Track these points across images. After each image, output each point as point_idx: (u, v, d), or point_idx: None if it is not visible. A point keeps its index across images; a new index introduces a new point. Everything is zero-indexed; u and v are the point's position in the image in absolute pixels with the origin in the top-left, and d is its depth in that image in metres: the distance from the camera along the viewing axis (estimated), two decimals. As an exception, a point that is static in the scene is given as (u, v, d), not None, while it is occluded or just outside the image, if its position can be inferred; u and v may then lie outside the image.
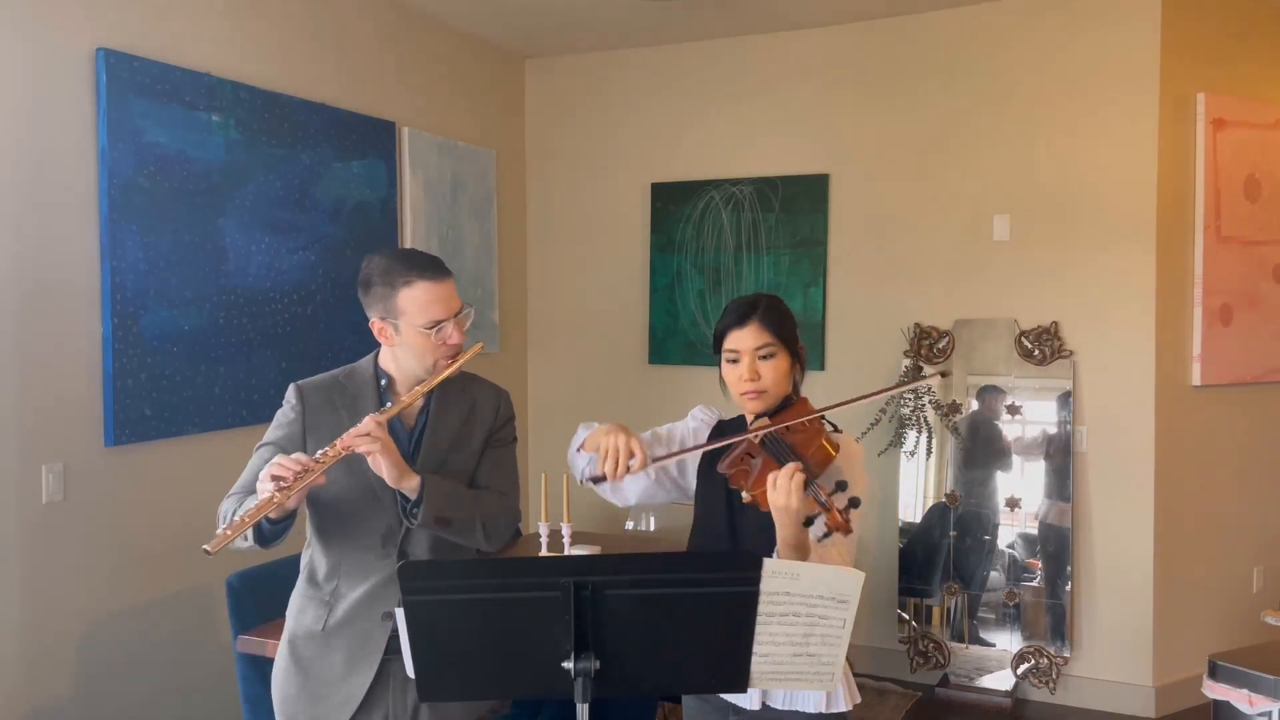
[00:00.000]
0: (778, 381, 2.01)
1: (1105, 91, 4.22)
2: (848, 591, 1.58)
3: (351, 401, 2.08)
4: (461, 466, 2.12)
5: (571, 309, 5.35)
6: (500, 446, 2.19)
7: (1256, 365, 4.44)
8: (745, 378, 1.99)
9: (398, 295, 2.02)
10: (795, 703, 1.94)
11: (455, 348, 2.06)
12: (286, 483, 1.83)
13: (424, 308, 2.01)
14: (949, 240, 4.52)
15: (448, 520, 2.00)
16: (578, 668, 1.48)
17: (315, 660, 2.07)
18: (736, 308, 2.03)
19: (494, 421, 2.17)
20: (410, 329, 2.03)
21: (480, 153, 4.96)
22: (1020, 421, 4.38)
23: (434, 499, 1.98)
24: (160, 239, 3.30)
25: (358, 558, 2.07)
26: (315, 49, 3.97)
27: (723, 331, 2.04)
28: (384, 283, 2.03)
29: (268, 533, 1.95)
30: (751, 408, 2.02)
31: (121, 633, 3.23)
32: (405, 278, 2.02)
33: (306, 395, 2.11)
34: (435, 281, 2.02)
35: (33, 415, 2.97)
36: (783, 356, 2.01)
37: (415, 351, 2.05)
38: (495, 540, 2.10)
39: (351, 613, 2.05)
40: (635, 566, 1.57)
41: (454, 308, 2.05)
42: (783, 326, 2.02)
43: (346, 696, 2.03)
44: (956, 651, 4.41)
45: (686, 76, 5.03)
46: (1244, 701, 2.76)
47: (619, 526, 4.77)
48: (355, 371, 2.14)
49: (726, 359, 2.03)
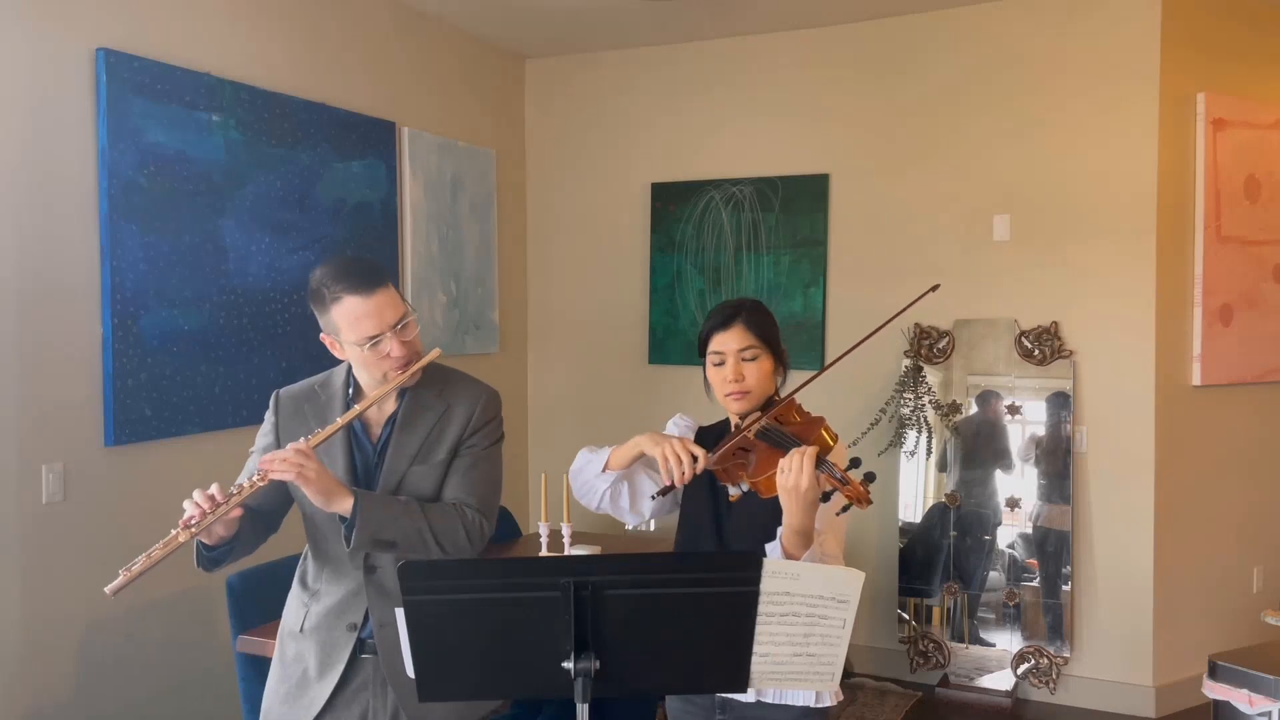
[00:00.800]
0: (761, 382, 2.05)
1: (1105, 91, 4.22)
2: (848, 591, 1.58)
3: (321, 411, 2.06)
4: (427, 478, 2.04)
5: (571, 309, 5.35)
6: (472, 453, 2.08)
7: (1256, 365, 4.44)
8: (730, 378, 2.04)
9: (330, 311, 1.95)
10: (785, 696, 1.97)
11: (401, 359, 1.96)
12: (194, 519, 1.82)
13: (354, 324, 1.93)
14: (949, 240, 4.52)
15: (387, 541, 1.94)
16: (578, 668, 1.48)
17: (294, 659, 2.09)
18: (720, 311, 2.09)
19: (465, 429, 2.06)
20: (349, 345, 1.97)
21: (480, 153, 4.96)
22: (1020, 422, 4.38)
23: (367, 521, 1.90)
24: (160, 239, 3.29)
25: (335, 566, 2.07)
26: (315, 49, 3.97)
27: (707, 334, 2.09)
28: (318, 299, 1.97)
29: (210, 557, 1.96)
30: (736, 408, 2.06)
31: (121, 633, 3.23)
32: (334, 293, 1.94)
33: (281, 404, 2.11)
34: (363, 296, 1.92)
35: (33, 415, 2.97)
36: (766, 358, 2.06)
37: (361, 366, 2.00)
38: (457, 555, 2.01)
39: (322, 619, 2.06)
40: (635, 566, 1.57)
41: (389, 319, 1.94)
42: (765, 329, 2.07)
43: (312, 699, 2.04)
44: (956, 651, 4.41)
45: (686, 76, 5.03)
46: (1244, 701, 2.76)
47: (619, 526, 4.76)
48: (330, 380, 2.12)
49: (711, 361, 2.08)
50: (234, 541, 1.96)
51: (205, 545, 1.94)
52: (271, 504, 2.08)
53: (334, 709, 2.04)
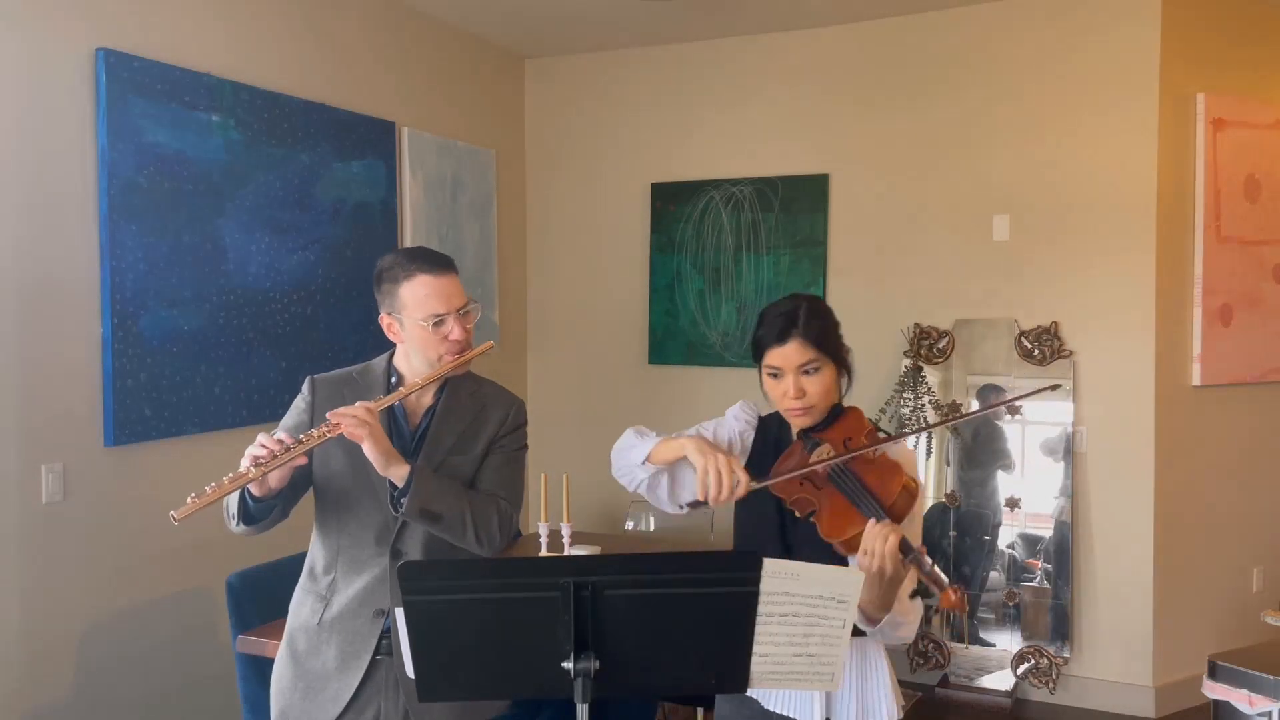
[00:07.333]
0: (824, 395, 1.90)
1: (1105, 91, 4.22)
2: (847, 592, 1.58)
3: (361, 394, 2.09)
4: (462, 469, 2.10)
5: (571, 309, 5.35)
6: (504, 452, 2.15)
7: (1256, 365, 4.44)
8: (790, 395, 1.88)
9: (399, 289, 2.04)
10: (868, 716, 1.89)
11: (458, 344, 2.05)
12: (264, 459, 1.85)
13: (422, 301, 2.02)
14: (949, 240, 4.52)
15: (435, 514, 1.99)
16: (578, 668, 1.48)
17: (309, 655, 2.07)
18: (775, 320, 1.90)
19: (500, 428, 2.14)
20: (412, 323, 2.04)
21: (480, 153, 4.96)
22: (1020, 421, 4.38)
23: (421, 490, 1.96)
24: (160, 239, 3.29)
25: (354, 552, 2.07)
26: (315, 49, 3.97)
27: (762, 347, 1.92)
28: (389, 278, 2.06)
29: (254, 511, 1.97)
30: (798, 424, 1.92)
31: (121, 633, 3.23)
32: (406, 271, 2.03)
33: (318, 388, 2.14)
34: (434, 275, 2.03)
35: (33, 415, 2.97)
36: (828, 369, 1.90)
37: (419, 346, 2.06)
38: (488, 544, 2.07)
39: (345, 609, 2.05)
40: (635, 566, 1.57)
41: (456, 303, 2.04)
42: (826, 337, 1.90)
43: (336, 693, 2.03)
44: (956, 651, 4.41)
45: (686, 76, 5.03)
46: (1244, 701, 2.76)
47: (619, 526, 4.77)
48: (369, 368, 2.17)
49: (767, 373, 1.92)
50: (276, 499, 1.97)
51: (252, 496, 1.95)
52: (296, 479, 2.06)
53: (350, 710, 2.03)
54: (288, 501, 2.07)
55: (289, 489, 2.01)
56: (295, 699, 2.07)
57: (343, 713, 2.03)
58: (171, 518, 1.79)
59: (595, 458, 5.30)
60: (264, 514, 1.99)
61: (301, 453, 1.88)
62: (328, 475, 2.09)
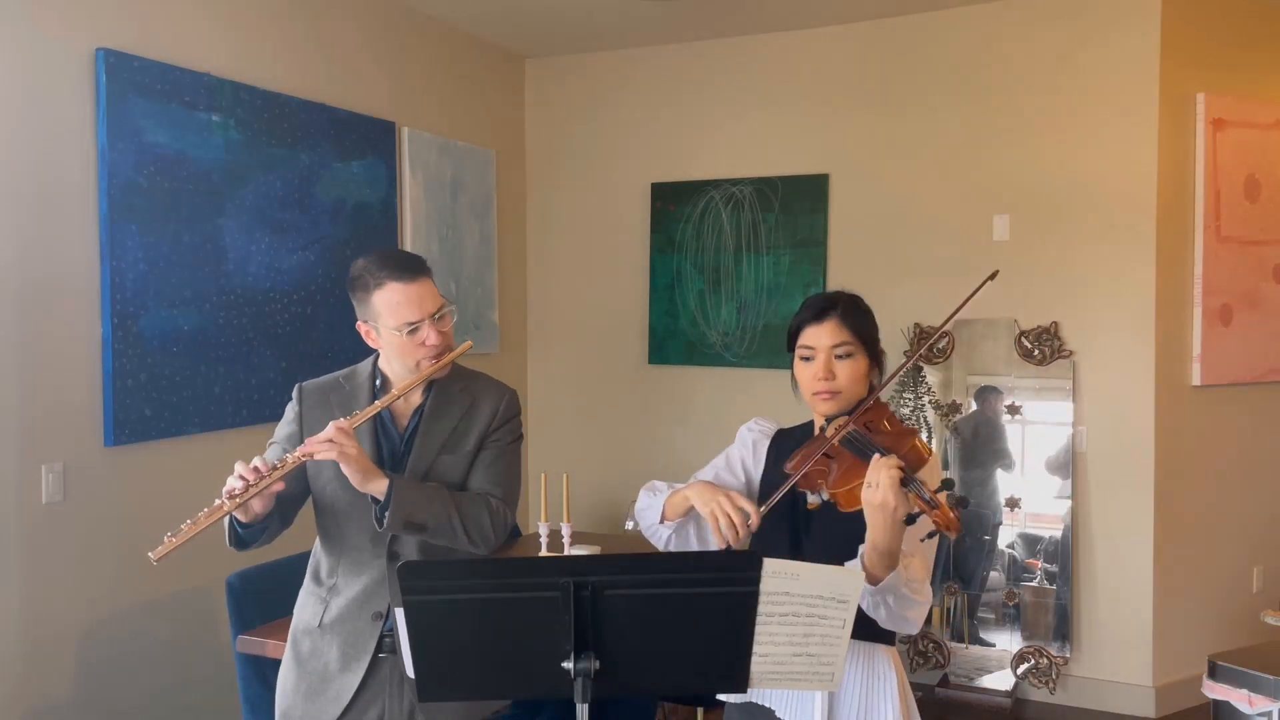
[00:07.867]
0: (854, 383, 1.90)
1: (1105, 91, 4.22)
2: (847, 592, 1.58)
3: (346, 401, 2.09)
4: (454, 468, 2.10)
5: (571, 309, 5.35)
6: (497, 446, 2.15)
7: (1256, 365, 4.44)
8: (820, 376, 1.88)
9: (371, 298, 2.01)
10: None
11: (435, 348, 2.02)
12: (238, 492, 1.84)
13: (394, 309, 1.99)
14: (949, 240, 4.52)
15: (419, 525, 1.98)
16: (578, 668, 1.48)
17: (311, 656, 2.08)
18: (815, 303, 1.92)
19: (490, 423, 2.13)
20: (387, 331, 2.01)
21: (480, 153, 4.96)
22: (1020, 421, 4.38)
23: (401, 503, 1.94)
24: (160, 239, 3.30)
25: (353, 556, 2.08)
26: (315, 49, 3.97)
27: (798, 327, 1.92)
28: (360, 285, 2.03)
29: (243, 536, 1.98)
30: (824, 409, 1.90)
31: (121, 633, 3.23)
32: (376, 279, 2.00)
33: (305, 396, 2.13)
34: (405, 282, 1.99)
35: (33, 415, 2.97)
36: (861, 358, 1.91)
37: (396, 354, 2.04)
38: (482, 544, 2.06)
39: (344, 610, 2.06)
40: (635, 566, 1.57)
41: (429, 308, 2.01)
42: (863, 326, 1.92)
43: (338, 693, 2.04)
44: (956, 651, 4.41)
45: (686, 76, 5.03)
46: (1244, 701, 2.76)
47: (619, 526, 4.77)
48: (355, 373, 2.15)
49: (800, 356, 1.91)
50: (266, 521, 1.98)
51: (239, 523, 1.95)
52: (292, 492, 2.08)
53: (352, 710, 2.04)
54: (284, 516, 2.07)
55: (281, 506, 2.03)
56: (298, 700, 2.08)
57: (344, 712, 2.03)
58: (149, 558, 1.80)
59: (595, 458, 5.34)
60: (254, 537, 2.00)
61: (278, 479, 1.88)
62: (321, 487, 2.09)
